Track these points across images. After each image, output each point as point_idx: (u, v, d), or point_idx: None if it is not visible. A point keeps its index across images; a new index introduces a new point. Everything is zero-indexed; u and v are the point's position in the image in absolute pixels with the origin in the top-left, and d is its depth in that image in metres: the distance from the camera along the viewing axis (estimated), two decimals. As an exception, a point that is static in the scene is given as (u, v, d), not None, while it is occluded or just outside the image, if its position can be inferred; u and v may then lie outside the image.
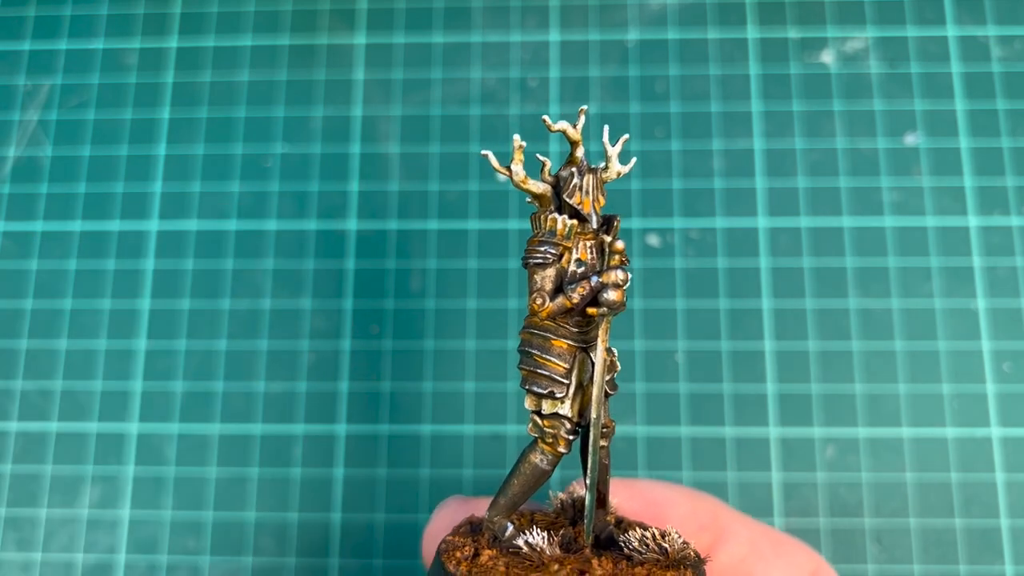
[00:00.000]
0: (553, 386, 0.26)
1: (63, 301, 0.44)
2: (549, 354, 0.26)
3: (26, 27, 0.48)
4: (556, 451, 0.26)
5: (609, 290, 0.24)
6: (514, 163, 0.26)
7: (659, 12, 0.47)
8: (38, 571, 0.41)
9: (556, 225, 0.26)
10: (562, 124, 0.26)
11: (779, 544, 0.32)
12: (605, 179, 0.27)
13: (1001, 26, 0.46)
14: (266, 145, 0.46)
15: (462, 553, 0.26)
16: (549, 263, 0.25)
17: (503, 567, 0.25)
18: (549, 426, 0.26)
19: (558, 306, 0.25)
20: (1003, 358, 0.42)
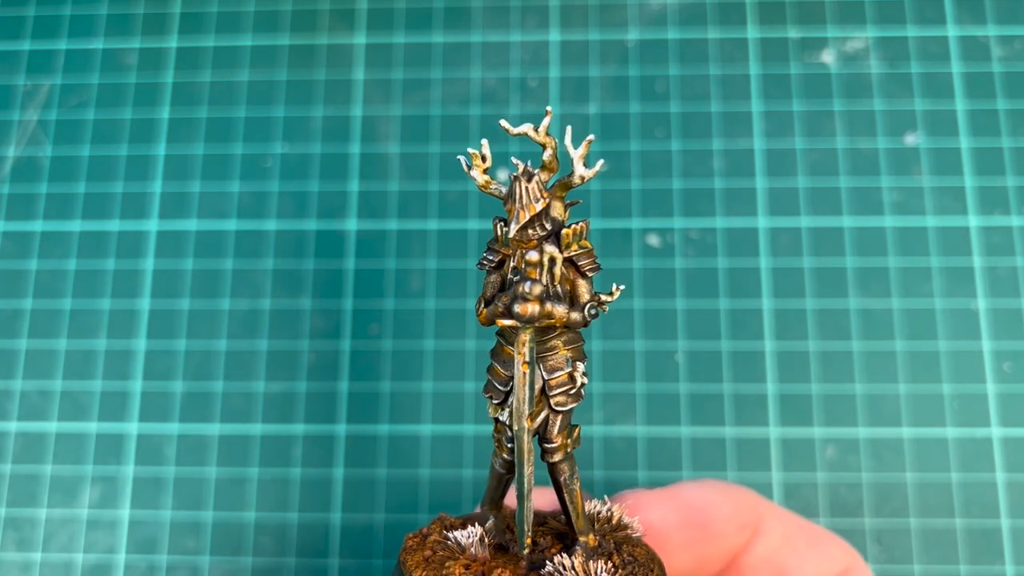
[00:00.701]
0: (492, 392, 0.26)
1: (63, 301, 0.44)
2: (498, 360, 0.26)
3: (26, 27, 0.48)
4: (502, 456, 0.26)
5: (517, 302, 0.24)
6: (474, 168, 0.26)
7: (659, 12, 0.47)
8: (38, 571, 0.41)
9: (497, 231, 0.25)
10: (524, 127, 0.26)
11: (815, 538, 0.32)
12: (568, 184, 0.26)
13: (1001, 26, 0.46)
14: (266, 145, 0.46)
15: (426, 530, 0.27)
16: (488, 269, 0.25)
17: (428, 551, 0.26)
18: (496, 431, 0.26)
19: (490, 312, 0.25)
20: (1003, 358, 0.42)
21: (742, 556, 0.31)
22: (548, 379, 0.25)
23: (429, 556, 0.25)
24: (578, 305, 0.25)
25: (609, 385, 0.42)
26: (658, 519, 0.30)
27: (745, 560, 0.31)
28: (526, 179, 0.25)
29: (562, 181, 0.26)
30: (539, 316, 0.24)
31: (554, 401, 0.26)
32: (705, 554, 0.30)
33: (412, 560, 0.25)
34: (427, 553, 0.26)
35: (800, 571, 0.31)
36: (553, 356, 0.25)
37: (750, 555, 0.31)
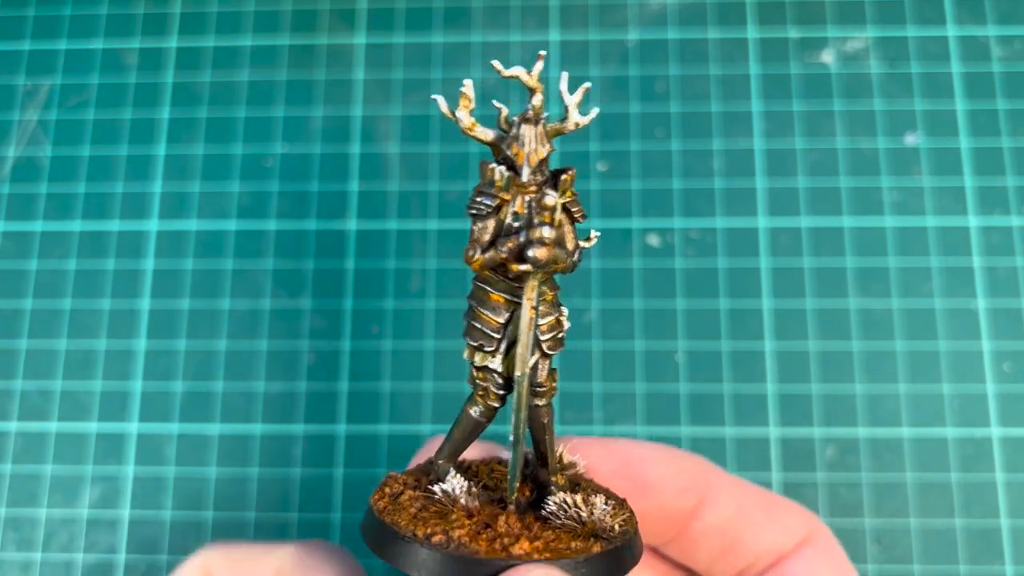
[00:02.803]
0: (484, 339, 0.25)
1: (63, 301, 0.44)
2: (485, 307, 0.26)
3: (26, 27, 0.48)
4: (488, 404, 0.26)
5: (534, 247, 0.23)
6: (459, 109, 0.25)
7: (659, 12, 0.47)
8: (38, 571, 0.41)
9: (494, 175, 0.25)
10: (516, 69, 0.25)
11: (771, 506, 0.31)
12: (561, 130, 0.26)
13: (1001, 26, 0.46)
14: (266, 145, 0.46)
15: (391, 490, 0.26)
16: (484, 214, 0.25)
17: (414, 509, 0.25)
18: (481, 379, 0.26)
19: (489, 259, 0.25)
20: (1003, 358, 0.42)
21: (691, 523, 0.30)
22: (539, 324, 0.25)
23: (417, 513, 0.25)
24: (568, 251, 0.25)
25: (609, 385, 0.42)
26: (593, 464, 0.30)
27: (696, 528, 0.30)
28: (534, 122, 0.25)
29: (554, 127, 0.26)
30: (551, 261, 0.24)
31: (546, 346, 0.26)
32: (639, 511, 0.29)
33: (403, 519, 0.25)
34: (413, 511, 0.25)
35: (755, 541, 0.30)
36: (543, 302, 0.26)
37: (700, 523, 0.30)
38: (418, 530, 0.24)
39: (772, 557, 0.30)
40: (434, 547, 0.23)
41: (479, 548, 0.23)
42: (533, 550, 0.24)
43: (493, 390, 0.26)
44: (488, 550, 0.23)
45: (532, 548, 0.24)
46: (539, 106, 0.25)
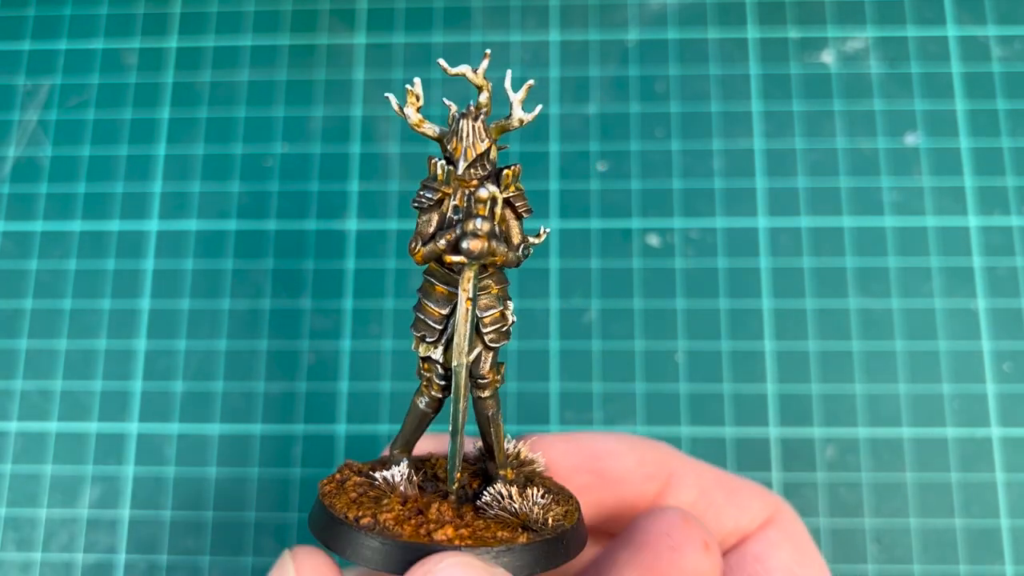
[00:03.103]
0: (427, 330, 0.26)
1: (63, 301, 0.44)
2: (429, 299, 0.26)
3: (26, 27, 0.48)
4: (431, 395, 0.27)
5: (467, 238, 0.24)
6: (408, 106, 0.26)
7: (659, 12, 0.47)
8: (38, 571, 0.41)
9: (436, 170, 0.26)
10: (462, 68, 0.26)
11: (733, 489, 0.31)
12: (506, 127, 0.26)
13: (1001, 26, 0.46)
14: (266, 145, 0.46)
15: (341, 475, 0.27)
16: (427, 207, 0.26)
17: (355, 494, 0.26)
18: (426, 370, 0.27)
19: (429, 251, 0.25)
20: (1003, 358, 0.42)
21: None
22: (482, 317, 0.26)
23: (356, 498, 0.26)
24: (512, 245, 0.26)
25: (609, 385, 0.42)
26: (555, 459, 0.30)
27: None
28: (472, 118, 0.26)
29: (499, 124, 0.27)
30: (486, 253, 0.24)
31: (488, 338, 0.26)
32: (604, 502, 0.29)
33: (340, 502, 0.25)
34: (353, 496, 0.26)
35: (718, 523, 0.30)
36: (486, 295, 0.26)
37: None
38: (350, 513, 0.25)
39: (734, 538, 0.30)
40: (361, 529, 0.24)
41: (403, 532, 0.24)
42: (456, 536, 0.24)
43: (436, 381, 0.27)
44: (412, 534, 0.24)
45: (456, 535, 0.24)
46: (484, 103, 0.26)
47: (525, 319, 0.43)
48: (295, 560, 0.25)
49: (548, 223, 0.44)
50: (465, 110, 0.26)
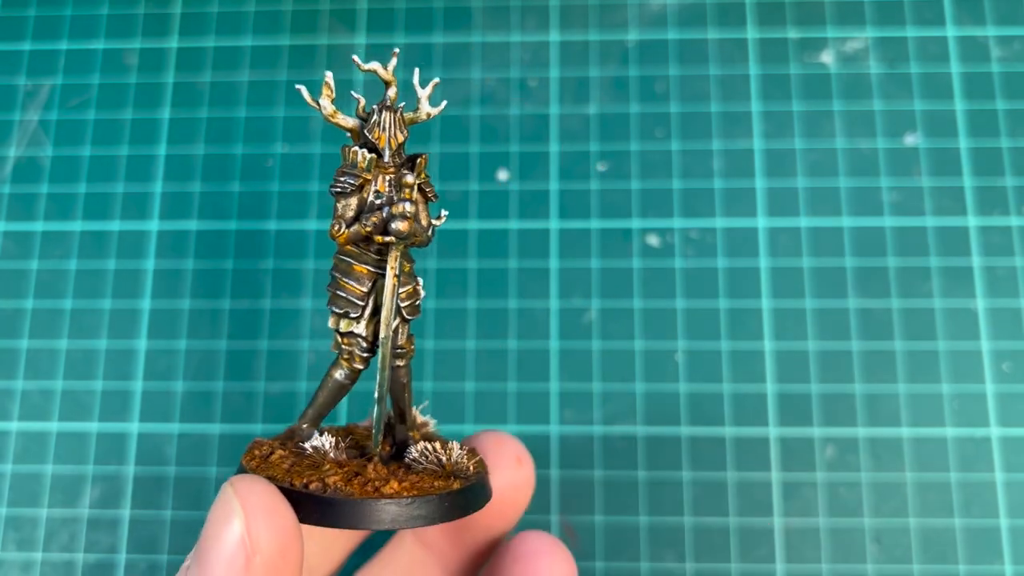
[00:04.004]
0: (349, 307, 0.28)
1: (64, 301, 0.44)
2: (349, 277, 0.28)
3: (26, 27, 0.48)
4: (352, 367, 0.29)
5: (397, 220, 0.26)
6: (322, 98, 0.28)
7: (659, 12, 0.47)
8: (38, 570, 0.41)
9: (356, 157, 0.27)
10: (373, 64, 0.28)
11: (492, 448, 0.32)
12: (416, 119, 0.29)
13: (1001, 26, 0.46)
14: (267, 145, 0.46)
15: (260, 451, 0.28)
16: (349, 192, 0.27)
17: (287, 465, 0.27)
18: (347, 344, 0.28)
19: (353, 232, 0.27)
20: (1002, 358, 0.42)
21: None
22: (399, 292, 0.28)
23: (290, 468, 0.27)
24: (423, 227, 0.29)
25: (609, 385, 0.42)
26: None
27: None
28: (392, 110, 0.28)
29: (410, 116, 0.29)
30: (412, 233, 0.27)
31: (405, 311, 0.29)
32: None
33: (278, 473, 0.27)
34: (286, 467, 0.27)
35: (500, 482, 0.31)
36: (401, 272, 0.28)
37: None
38: (295, 480, 0.26)
39: None
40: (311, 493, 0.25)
41: (353, 491, 0.26)
42: (402, 489, 0.26)
43: (358, 353, 0.28)
44: (362, 492, 0.26)
45: (401, 487, 0.26)
46: (394, 97, 0.28)
47: (525, 319, 0.43)
48: (238, 493, 0.24)
49: (548, 223, 0.45)
50: (384, 102, 0.28)
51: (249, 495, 0.24)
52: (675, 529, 0.41)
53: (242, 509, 0.24)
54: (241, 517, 0.24)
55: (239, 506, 0.24)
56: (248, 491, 0.24)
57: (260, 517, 0.24)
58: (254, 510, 0.24)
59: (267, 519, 0.24)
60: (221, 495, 0.25)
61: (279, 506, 0.25)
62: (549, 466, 0.41)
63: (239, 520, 0.24)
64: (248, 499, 0.24)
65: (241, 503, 0.24)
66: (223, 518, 0.24)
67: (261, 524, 0.24)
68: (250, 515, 0.24)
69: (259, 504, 0.24)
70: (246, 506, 0.24)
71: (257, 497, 0.24)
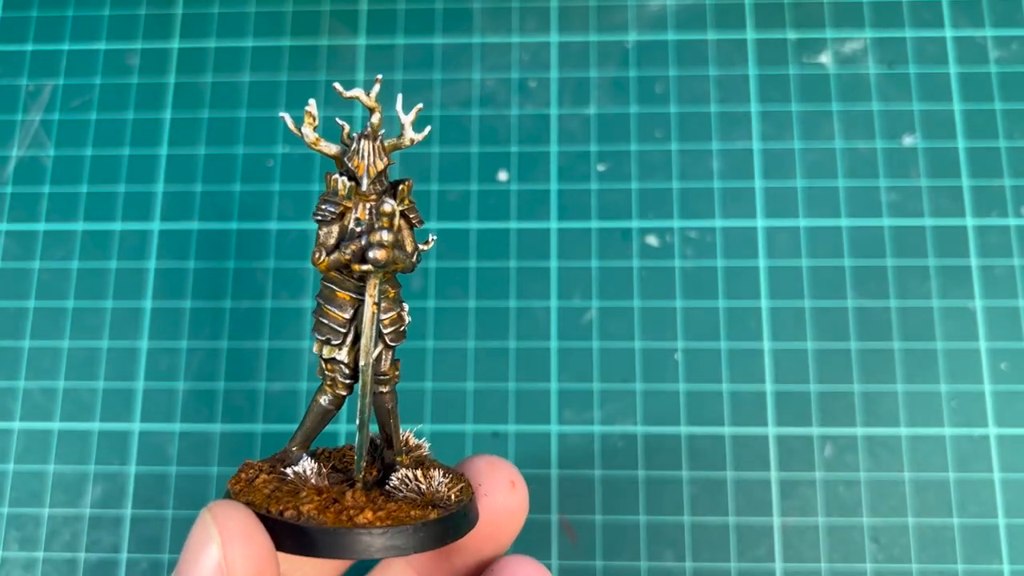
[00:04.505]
0: (331, 334, 0.28)
1: (65, 301, 0.44)
2: (331, 304, 0.28)
3: (29, 28, 0.49)
4: (336, 393, 0.29)
5: (374, 249, 0.27)
6: (305, 126, 0.28)
7: (658, 14, 0.48)
8: (40, 569, 0.41)
9: (337, 185, 0.28)
10: (355, 91, 0.28)
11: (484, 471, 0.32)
12: (399, 145, 0.29)
13: (998, 27, 0.46)
14: (268, 146, 0.46)
15: (246, 475, 0.28)
16: (328, 220, 0.27)
17: (268, 490, 0.27)
18: (330, 370, 0.28)
19: (334, 260, 0.27)
20: (1000, 358, 0.42)
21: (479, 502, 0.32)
22: (382, 319, 0.28)
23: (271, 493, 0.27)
24: (407, 253, 0.28)
25: (608, 384, 0.42)
26: None
27: None
28: (371, 139, 0.28)
29: (392, 143, 0.29)
30: (391, 262, 0.27)
31: (388, 338, 0.28)
32: None
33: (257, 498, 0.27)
34: (267, 492, 0.27)
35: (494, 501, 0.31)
36: (385, 299, 0.28)
37: None
38: (271, 507, 0.26)
39: None
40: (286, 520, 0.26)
41: (326, 520, 0.26)
42: (376, 519, 0.26)
43: (340, 380, 0.28)
44: (335, 521, 0.26)
45: (375, 517, 0.26)
46: (377, 124, 0.28)
47: (525, 319, 0.43)
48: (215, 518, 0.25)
49: (548, 223, 0.45)
50: (365, 132, 0.28)
51: (227, 521, 0.25)
52: (674, 528, 0.41)
53: (219, 535, 0.24)
54: (218, 543, 0.24)
55: (216, 532, 0.24)
56: (225, 517, 0.25)
57: (236, 543, 0.24)
58: (231, 536, 0.24)
59: (243, 545, 0.24)
60: (199, 520, 0.25)
61: (255, 532, 0.25)
62: (549, 466, 0.42)
63: (216, 545, 0.24)
64: (225, 525, 0.25)
65: (218, 529, 0.24)
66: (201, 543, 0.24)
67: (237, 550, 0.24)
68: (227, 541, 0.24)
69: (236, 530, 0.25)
70: (223, 532, 0.24)
71: (234, 523, 0.25)
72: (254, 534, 0.25)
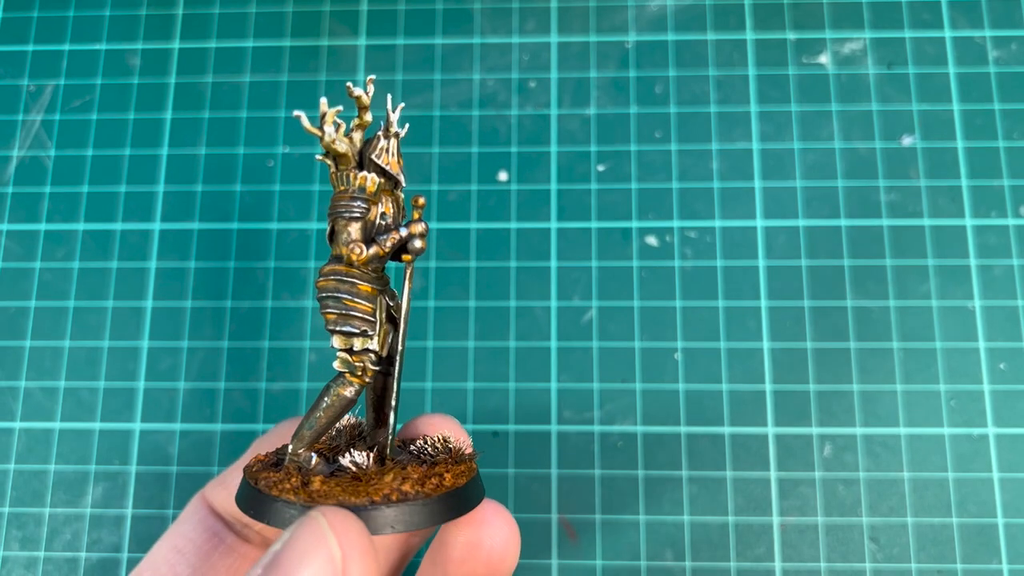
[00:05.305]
0: (366, 325, 0.29)
1: (67, 300, 0.45)
2: (358, 297, 0.29)
3: (30, 29, 0.49)
4: (363, 381, 0.29)
5: (416, 239, 0.28)
6: (326, 124, 0.29)
7: (658, 14, 0.48)
8: (41, 568, 0.41)
9: (366, 183, 0.28)
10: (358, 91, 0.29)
11: None
12: None
13: (998, 28, 0.46)
14: (268, 146, 0.46)
15: (290, 484, 0.28)
16: (359, 217, 0.28)
17: (339, 489, 0.27)
18: (358, 360, 0.29)
19: (373, 254, 0.28)
20: (999, 358, 0.42)
21: None
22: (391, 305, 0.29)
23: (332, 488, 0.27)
24: None
25: (608, 384, 0.43)
26: None
27: None
28: (396, 137, 0.29)
29: None
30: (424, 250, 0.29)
31: None
32: None
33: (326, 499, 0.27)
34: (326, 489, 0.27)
35: None
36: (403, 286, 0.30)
37: None
38: (354, 500, 0.27)
39: None
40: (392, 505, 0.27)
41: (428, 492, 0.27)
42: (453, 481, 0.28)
43: (370, 367, 0.29)
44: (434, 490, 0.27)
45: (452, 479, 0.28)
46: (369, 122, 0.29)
47: (525, 318, 0.43)
48: (333, 527, 0.24)
49: (548, 223, 0.45)
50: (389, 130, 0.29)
51: (346, 532, 0.24)
52: (674, 527, 0.41)
53: (339, 546, 0.24)
54: (338, 553, 0.24)
55: (335, 542, 0.24)
56: (344, 528, 0.24)
57: (356, 556, 0.24)
58: (352, 548, 0.24)
59: (361, 560, 0.24)
60: (310, 525, 0.24)
61: (370, 547, 0.25)
62: (549, 465, 0.42)
63: (335, 555, 0.24)
64: (345, 535, 0.24)
65: (338, 539, 0.24)
66: (313, 551, 0.24)
67: (356, 564, 0.24)
68: (347, 554, 0.24)
69: (355, 542, 0.24)
70: (343, 543, 0.24)
71: (354, 536, 0.24)
72: (370, 549, 0.25)
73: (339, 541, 0.24)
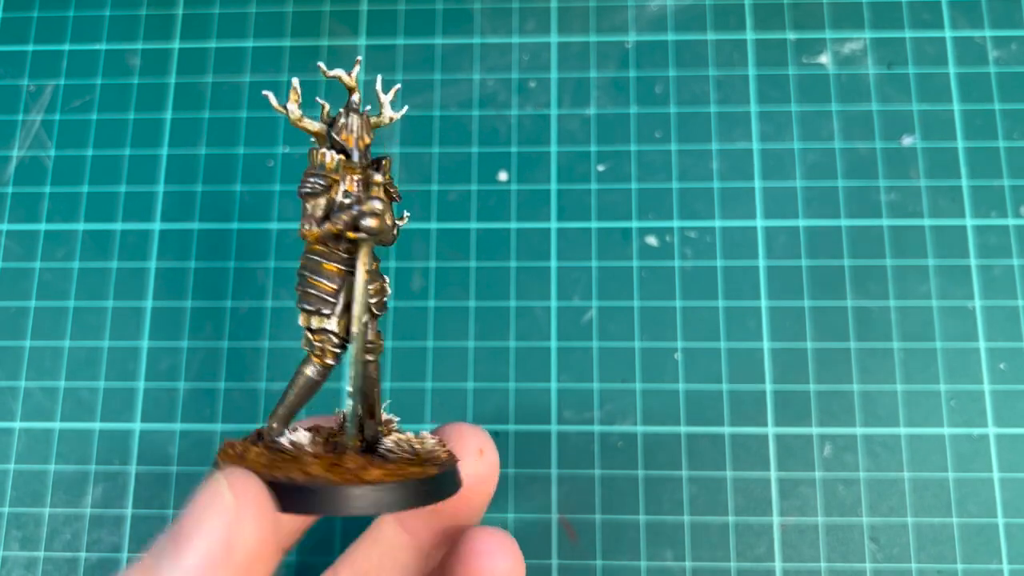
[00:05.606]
0: (321, 304, 0.29)
1: (66, 301, 0.45)
2: (319, 275, 0.29)
3: (29, 29, 0.49)
4: (324, 363, 0.29)
5: (367, 217, 0.27)
6: (290, 103, 0.29)
7: (658, 14, 0.48)
8: (41, 569, 0.41)
9: (325, 159, 0.28)
10: (337, 71, 0.29)
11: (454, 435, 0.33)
12: (379, 123, 0.30)
13: (998, 28, 0.47)
14: (268, 146, 0.46)
15: (234, 450, 0.28)
16: (318, 193, 0.28)
17: (264, 460, 0.27)
18: (318, 340, 0.29)
19: (324, 231, 0.28)
20: (1000, 357, 0.42)
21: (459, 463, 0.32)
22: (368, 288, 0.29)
23: (268, 462, 0.27)
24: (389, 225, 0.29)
25: (608, 384, 0.43)
26: None
27: None
28: (358, 113, 0.29)
29: (374, 120, 0.30)
30: (380, 230, 0.27)
31: (374, 307, 0.29)
32: None
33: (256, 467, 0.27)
34: (263, 461, 0.27)
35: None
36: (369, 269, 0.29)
37: None
38: (275, 473, 0.27)
39: None
40: (294, 482, 0.26)
41: (335, 479, 0.26)
42: (383, 475, 0.27)
43: (330, 349, 0.29)
44: (343, 479, 0.26)
45: (382, 474, 0.27)
46: (357, 102, 0.29)
47: (525, 318, 0.43)
48: (232, 485, 0.25)
49: (548, 223, 0.45)
50: (351, 105, 0.29)
51: (245, 488, 0.25)
52: (674, 527, 0.41)
53: (234, 500, 0.24)
54: (232, 508, 0.24)
55: (231, 497, 0.24)
56: (243, 485, 0.25)
57: (250, 510, 0.24)
58: (246, 502, 0.24)
59: (256, 512, 0.24)
60: (211, 483, 0.25)
61: (267, 502, 0.25)
62: (549, 465, 0.42)
63: (228, 510, 0.24)
64: (243, 492, 0.25)
65: (234, 494, 0.24)
66: (211, 506, 0.24)
67: (250, 516, 0.24)
68: (241, 507, 0.24)
69: (251, 497, 0.25)
70: (239, 497, 0.24)
71: (250, 491, 0.25)
72: (266, 503, 0.25)
73: (236, 501, 0.24)
